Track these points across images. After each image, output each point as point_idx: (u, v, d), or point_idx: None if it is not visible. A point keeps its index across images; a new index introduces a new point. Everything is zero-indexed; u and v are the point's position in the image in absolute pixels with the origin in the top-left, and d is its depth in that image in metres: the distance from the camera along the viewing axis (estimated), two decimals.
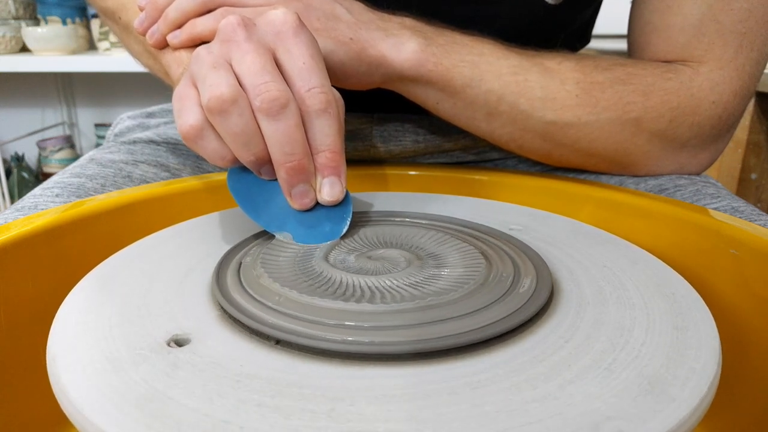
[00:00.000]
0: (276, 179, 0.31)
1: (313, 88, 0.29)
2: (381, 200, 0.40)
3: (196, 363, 0.21)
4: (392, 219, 0.35)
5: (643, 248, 0.32)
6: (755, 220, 0.36)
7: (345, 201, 0.32)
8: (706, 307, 0.25)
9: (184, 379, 0.20)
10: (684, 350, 0.22)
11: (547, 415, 0.18)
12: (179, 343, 0.22)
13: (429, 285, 0.25)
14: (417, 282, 0.25)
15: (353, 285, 0.25)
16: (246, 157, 0.31)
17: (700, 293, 0.27)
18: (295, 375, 0.20)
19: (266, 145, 0.30)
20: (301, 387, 0.20)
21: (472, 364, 0.21)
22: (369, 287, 0.25)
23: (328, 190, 0.31)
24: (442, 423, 0.18)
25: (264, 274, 0.26)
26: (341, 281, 0.25)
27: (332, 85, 0.32)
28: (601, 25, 0.59)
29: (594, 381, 0.20)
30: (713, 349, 0.22)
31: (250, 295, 0.25)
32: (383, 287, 0.25)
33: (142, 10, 0.42)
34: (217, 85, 0.29)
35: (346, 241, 0.31)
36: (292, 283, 0.25)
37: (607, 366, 0.21)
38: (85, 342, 0.22)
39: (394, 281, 0.25)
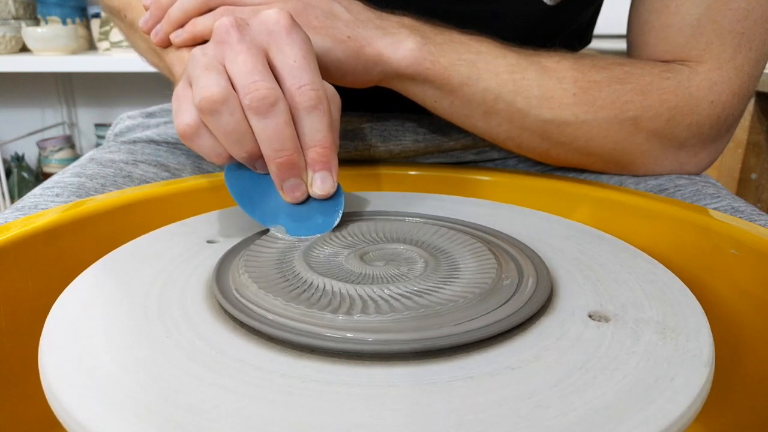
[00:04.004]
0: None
1: (304, 85, 0.30)
2: (380, 200, 0.40)
3: (194, 365, 0.21)
4: (391, 217, 0.35)
5: (642, 248, 0.32)
6: (755, 220, 0.36)
7: (337, 194, 0.33)
8: (701, 308, 0.25)
9: (182, 380, 0.20)
10: (678, 349, 0.22)
11: (545, 416, 0.18)
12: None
13: (432, 293, 0.25)
14: (423, 290, 0.25)
15: (344, 293, 0.25)
16: (239, 154, 0.31)
17: (699, 293, 0.27)
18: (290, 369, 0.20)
19: (257, 141, 0.30)
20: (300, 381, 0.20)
21: (470, 363, 0.21)
22: (362, 296, 0.25)
23: (320, 185, 0.32)
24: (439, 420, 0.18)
25: (255, 285, 0.26)
26: (333, 289, 0.25)
27: (330, 84, 0.33)
28: (601, 25, 0.59)
29: (586, 380, 0.20)
30: (706, 348, 0.22)
31: (248, 298, 0.25)
32: (379, 296, 0.25)
33: (147, 9, 0.42)
34: (207, 87, 0.29)
35: (342, 238, 0.31)
36: (278, 292, 0.25)
37: (601, 365, 0.21)
38: (77, 344, 0.22)
39: (396, 288, 0.25)
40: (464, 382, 0.20)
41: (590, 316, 0.24)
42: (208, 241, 0.32)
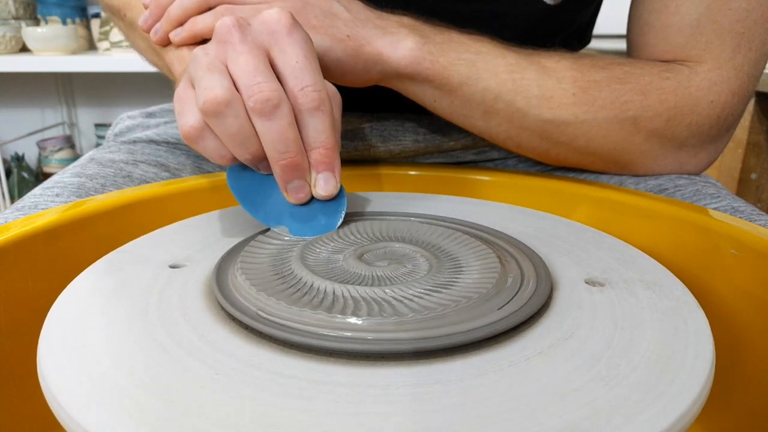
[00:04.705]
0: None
1: (306, 86, 0.30)
2: (380, 200, 0.40)
3: (194, 365, 0.21)
4: (391, 218, 0.35)
5: (643, 248, 0.32)
6: (755, 220, 0.36)
7: (339, 195, 0.33)
8: (701, 308, 0.25)
9: (181, 381, 0.20)
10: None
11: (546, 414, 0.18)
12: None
13: (436, 294, 0.25)
14: (427, 291, 0.25)
15: (340, 295, 0.25)
16: (243, 156, 0.31)
17: (699, 293, 0.27)
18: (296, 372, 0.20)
19: (261, 143, 0.30)
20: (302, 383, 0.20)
21: (470, 363, 0.21)
22: (362, 298, 0.24)
23: (323, 185, 0.32)
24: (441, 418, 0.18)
25: (254, 288, 0.25)
26: (335, 292, 0.25)
27: (330, 83, 0.32)
28: (601, 25, 0.59)
29: (586, 380, 0.20)
30: (706, 349, 0.22)
31: (248, 299, 0.25)
32: (381, 298, 0.25)
33: (146, 7, 0.42)
34: (211, 88, 0.29)
35: (342, 238, 0.31)
36: (280, 294, 0.25)
37: (600, 366, 0.21)
38: (76, 344, 0.22)
39: (404, 290, 0.25)
40: (538, 358, 0.21)
41: (586, 282, 0.27)
42: (171, 267, 0.29)
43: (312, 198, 0.32)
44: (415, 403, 0.19)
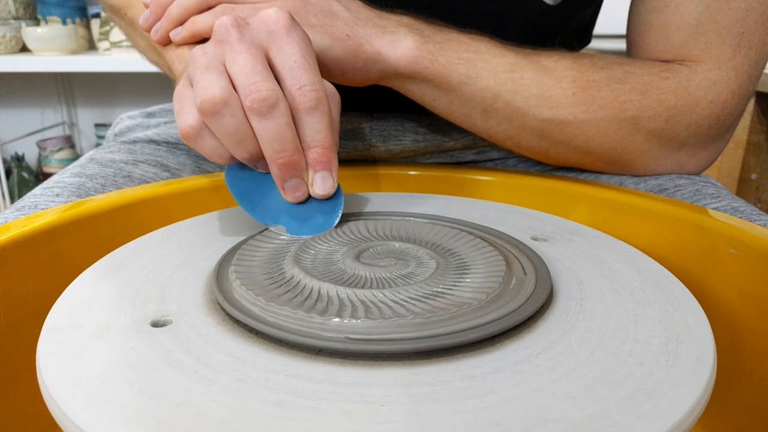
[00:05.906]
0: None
1: (304, 86, 0.30)
2: (380, 200, 0.40)
3: (193, 366, 0.21)
4: (391, 218, 0.35)
5: (642, 248, 0.32)
6: (755, 220, 0.36)
7: (337, 194, 0.33)
8: (702, 309, 0.25)
9: (180, 383, 0.20)
10: (678, 351, 0.22)
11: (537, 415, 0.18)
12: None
13: (436, 299, 0.25)
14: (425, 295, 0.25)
15: (336, 296, 0.25)
16: (240, 155, 0.31)
17: (699, 293, 0.27)
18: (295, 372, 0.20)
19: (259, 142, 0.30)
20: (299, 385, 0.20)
21: (469, 363, 0.21)
22: (356, 300, 0.24)
23: (320, 185, 0.32)
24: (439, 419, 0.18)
25: (246, 289, 0.25)
26: (328, 294, 0.25)
27: (330, 82, 0.33)
28: (601, 25, 0.59)
29: (587, 380, 0.20)
30: (708, 351, 0.22)
31: (248, 300, 0.25)
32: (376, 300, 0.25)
33: (147, 6, 0.42)
34: (208, 88, 0.29)
35: (342, 237, 0.31)
36: (280, 296, 0.25)
37: (600, 367, 0.21)
38: (74, 345, 0.22)
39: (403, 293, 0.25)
40: (589, 304, 0.25)
41: (532, 238, 0.32)
42: (170, 267, 0.29)
43: (309, 197, 0.33)
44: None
